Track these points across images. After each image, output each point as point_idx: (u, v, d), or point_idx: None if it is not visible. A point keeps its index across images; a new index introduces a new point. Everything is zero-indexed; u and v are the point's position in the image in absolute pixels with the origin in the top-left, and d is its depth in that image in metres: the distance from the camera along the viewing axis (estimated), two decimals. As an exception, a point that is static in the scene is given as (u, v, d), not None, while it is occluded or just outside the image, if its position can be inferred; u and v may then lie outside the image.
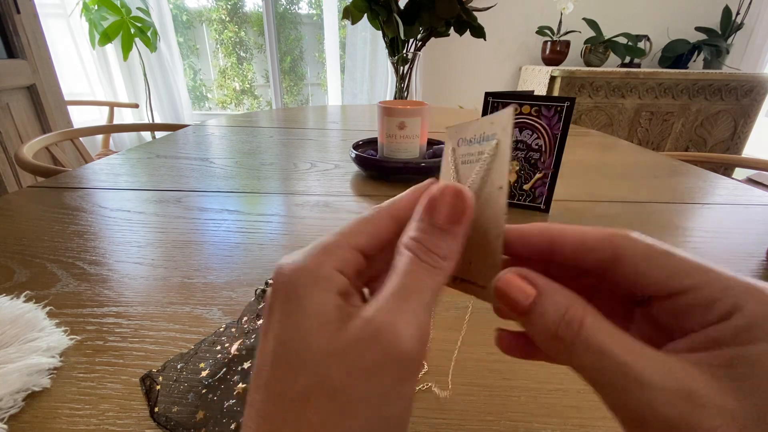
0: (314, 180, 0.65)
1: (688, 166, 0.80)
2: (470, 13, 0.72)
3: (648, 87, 2.01)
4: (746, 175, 1.91)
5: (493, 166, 0.16)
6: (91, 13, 2.10)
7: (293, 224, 0.49)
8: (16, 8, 1.38)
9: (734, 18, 2.12)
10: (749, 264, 0.41)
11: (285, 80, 2.76)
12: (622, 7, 2.25)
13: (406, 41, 0.73)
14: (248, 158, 0.77)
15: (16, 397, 0.23)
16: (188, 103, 2.65)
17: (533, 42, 2.35)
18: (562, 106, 0.48)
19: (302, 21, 2.62)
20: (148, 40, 2.19)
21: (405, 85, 0.74)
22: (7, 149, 1.36)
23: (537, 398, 0.25)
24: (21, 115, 1.43)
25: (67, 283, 0.35)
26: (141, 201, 0.54)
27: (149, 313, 0.32)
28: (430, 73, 2.43)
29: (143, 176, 0.65)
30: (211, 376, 0.25)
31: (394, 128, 0.62)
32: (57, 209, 0.51)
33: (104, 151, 1.82)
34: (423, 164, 0.62)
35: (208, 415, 0.23)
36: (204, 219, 0.49)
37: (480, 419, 0.23)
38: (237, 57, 2.74)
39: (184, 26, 2.64)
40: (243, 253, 0.41)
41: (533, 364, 0.27)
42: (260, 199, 0.57)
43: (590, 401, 0.25)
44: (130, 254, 0.41)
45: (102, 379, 0.25)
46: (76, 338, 0.28)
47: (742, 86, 1.99)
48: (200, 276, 0.37)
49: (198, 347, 0.28)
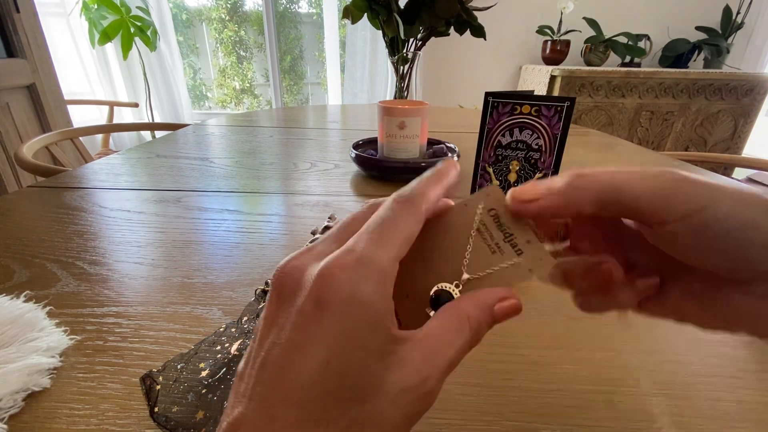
0: (314, 180, 0.65)
1: (689, 165, 0.80)
2: (470, 13, 0.72)
3: (648, 86, 2.01)
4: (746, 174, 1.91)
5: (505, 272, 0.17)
6: (90, 12, 2.10)
7: (293, 224, 0.49)
8: (15, 7, 1.38)
9: (734, 17, 2.11)
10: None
11: (285, 79, 2.76)
12: (623, 6, 2.25)
13: (406, 41, 0.73)
14: (248, 158, 0.77)
15: (16, 397, 0.23)
16: (188, 102, 2.65)
17: (533, 41, 2.34)
18: (562, 106, 0.48)
19: (302, 20, 2.62)
20: (147, 40, 2.19)
21: (405, 84, 0.74)
22: (6, 149, 1.36)
23: (537, 398, 0.25)
24: (21, 115, 1.43)
25: (67, 283, 0.35)
26: (141, 201, 0.54)
27: (149, 313, 0.32)
28: (430, 72, 2.43)
29: (143, 176, 0.65)
30: (211, 376, 0.25)
31: (394, 128, 0.62)
32: (57, 209, 0.51)
33: (104, 150, 1.82)
34: (423, 164, 0.62)
35: (208, 415, 0.23)
36: (204, 219, 0.49)
37: (480, 419, 0.23)
38: (237, 56, 2.73)
39: (184, 25, 2.64)
40: (243, 253, 0.41)
41: (533, 364, 0.27)
42: (260, 199, 0.57)
43: (590, 401, 0.25)
44: (130, 254, 0.41)
45: (102, 379, 0.25)
46: (76, 338, 0.28)
47: (742, 86, 1.98)
48: (200, 276, 0.37)
49: (198, 347, 0.28)
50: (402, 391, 0.13)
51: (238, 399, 0.13)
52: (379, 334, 0.13)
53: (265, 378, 0.13)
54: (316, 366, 0.13)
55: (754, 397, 0.25)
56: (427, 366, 0.14)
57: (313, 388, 0.13)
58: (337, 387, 0.13)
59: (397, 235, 0.15)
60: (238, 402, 0.13)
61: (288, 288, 0.14)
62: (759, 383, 0.26)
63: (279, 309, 0.14)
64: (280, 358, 0.13)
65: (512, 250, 0.17)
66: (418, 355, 0.14)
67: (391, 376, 0.13)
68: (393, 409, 0.13)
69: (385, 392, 0.13)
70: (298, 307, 0.14)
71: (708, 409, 0.24)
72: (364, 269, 0.14)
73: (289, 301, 0.14)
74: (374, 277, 0.14)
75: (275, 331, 0.14)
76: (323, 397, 0.13)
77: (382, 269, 0.14)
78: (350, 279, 0.13)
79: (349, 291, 0.13)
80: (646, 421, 0.23)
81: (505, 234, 0.17)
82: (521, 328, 0.31)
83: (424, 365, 0.14)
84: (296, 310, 0.14)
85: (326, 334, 0.13)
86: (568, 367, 0.27)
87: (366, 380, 0.13)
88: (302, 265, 0.15)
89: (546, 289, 0.37)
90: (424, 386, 0.14)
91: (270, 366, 0.13)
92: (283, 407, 0.12)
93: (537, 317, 0.32)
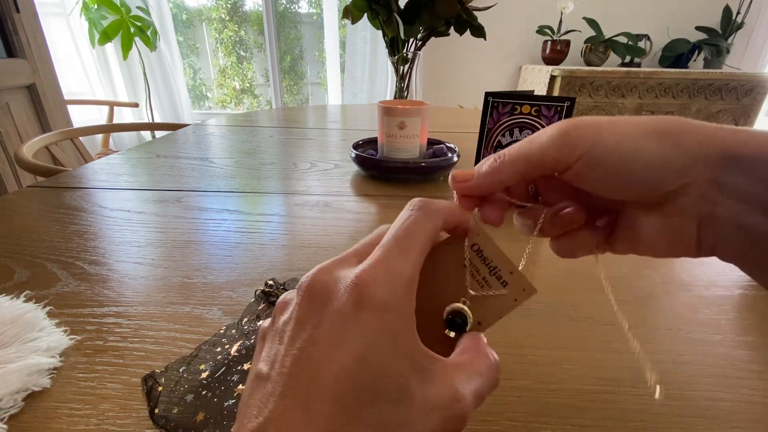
0: (314, 180, 0.65)
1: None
2: (470, 13, 0.72)
3: (648, 86, 2.01)
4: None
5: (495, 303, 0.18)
6: (90, 12, 2.10)
7: (293, 224, 0.49)
8: (15, 7, 1.38)
9: (734, 17, 2.11)
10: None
11: (285, 79, 2.76)
12: (623, 6, 2.25)
13: (406, 41, 0.73)
14: (248, 158, 0.77)
15: (16, 397, 0.23)
16: (188, 102, 2.65)
17: (533, 41, 2.34)
18: (562, 106, 0.48)
19: (302, 20, 2.62)
20: (147, 40, 2.19)
21: (405, 84, 0.74)
22: (6, 149, 1.36)
23: (537, 398, 0.25)
24: (21, 115, 1.43)
25: (67, 283, 0.35)
26: (141, 201, 0.54)
27: (149, 313, 0.32)
28: (430, 72, 2.43)
29: (143, 176, 0.65)
30: (210, 376, 0.25)
31: (394, 128, 0.62)
32: (57, 209, 0.51)
33: (104, 150, 1.82)
34: (423, 164, 0.62)
35: (207, 416, 0.23)
36: (204, 219, 0.49)
37: (480, 419, 0.23)
38: (237, 56, 2.73)
39: (184, 25, 2.64)
40: (243, 253, 0.41)
41: (533, 364, 0.27)
42: (260, 199, 0.57)
43: (590, 401, 0.25)
44: (130, 254, 0.41)
45: (102, 379, 0.25)
46: (76, 338, 0.28)
47: (742, 86, 1.98)
48: (200, 276, 0.37)
49: (199, 349, 0.28)
50: (436, 408, 0.13)
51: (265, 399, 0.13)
52: (412, 342, 0.14)
53: (300, 373, 0.13)
54: (352, 360, 0.13)
55: (754, 397, 0.25)
56: (461, 386, 0.14)
57: (349, 381, 0.13)
58: (372, 384, 0.13)
59: (416, 244, 0.16)
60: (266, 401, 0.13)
61: (321, 293, 0.15)
62: (759, 383, 0.26)
63: (312, 310, 0.14)
64: (317, 353, 0.13)
65: (498, 282, 0.18)
66: (451, 376, 0.14)
67: (425, 390, 0.14)
68: (425, 423, 0.13)
69: (419, 404, 0.13)
70: (334, 308, 0.14)
71: (708, 409, 0.24)
72: (395, 279, 0.14)
73: (324, 303, 0.14)
74: (403, 288, 0.14)
75: (309, 329, 0.14)
76: (358, 392, 0.13)
77: (408, 280, 0.15)
78: (383, 289, 0.14)
79: (383, 298, 0.14)
80: (646, 421, 0.23)
81: (490, 267, 0.18)
82: (521, 328, 0.31)
83: (459, 387, 0.14)
84: (333, 310, 0.14)
85: (364, 331, 0.13)
86: (568, 367, 0.27)
87: (400, 384, 0.13)
88: (332, 274, 0.15)
89: (546, 289, 0.37)
90: (458, 407, 0.14)
91: (305, 361, 0.13)
92: (319, 401, 0.12)
93: (537, 317, 0.32)
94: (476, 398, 0.15)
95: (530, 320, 0.32)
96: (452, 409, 0.14)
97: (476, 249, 0.19)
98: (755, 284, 0.37)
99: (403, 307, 0.14)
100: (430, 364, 0.14)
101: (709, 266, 0.40)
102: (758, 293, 0.36)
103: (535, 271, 0.39)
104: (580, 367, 0.27)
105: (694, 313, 0.33)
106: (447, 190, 0.60)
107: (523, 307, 0.17)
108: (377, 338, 0.13)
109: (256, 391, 0.14)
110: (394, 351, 0.13)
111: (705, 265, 0.40)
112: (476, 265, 0.18)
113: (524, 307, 0.34)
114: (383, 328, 0.13)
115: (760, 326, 0.32)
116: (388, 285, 0.14)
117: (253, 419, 0.13)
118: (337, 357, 0.13)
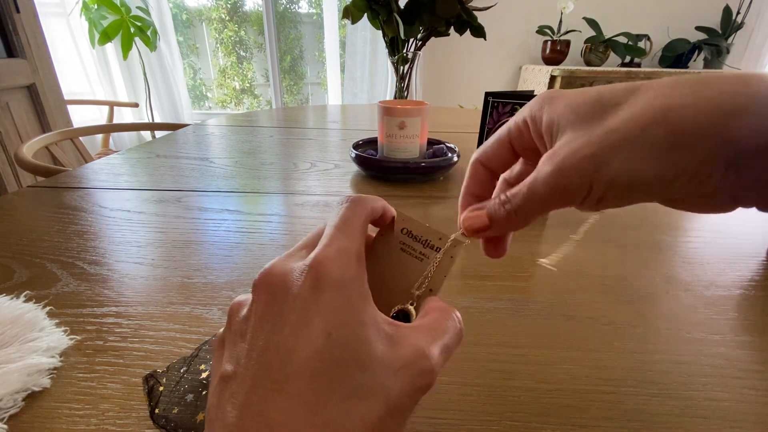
0: (314, 180, 0.65)
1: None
2: (470, 13, 0.72)
3: (648, 86, 2.00)
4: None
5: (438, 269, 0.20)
6: (90, 12, 2.10)
7: (293, 224, 0.49)
8: (15, 7, 1.38)
9: (734, 17, 2.12)
10: (749, 264, 0.41)
11: (285, 79, 2.76)
12: (623, 6, 2.25)
13: (406, 41, 0.73)
14: (248, 158, 0.77)
15: (16, 397, 0.23)
16: (188, 102, 2.65)
17: (533, 41, 2.35)
18: (563, 106, 0.48)
19: (302, 20, 2.62)
20: (147, 40, 2.19)
21: (405, 84, 0.74)
22: (6, 149, 1.36)
23: (537, 398, 0.25)
24: (21, 115, 1.43)
25: (67, 283, 0.35)
26: (141, 201, 0.54)
27: (149, 313, 0.32)
28: (430, 72, 2.43)
29: (143, 176, 0.65)
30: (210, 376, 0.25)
31: (394, 128, 0.62)
32: (57, 209, 0.51)
33: (104, 150, 1.82)
34: (423, 164, 0.62)
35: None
36: (204, 219, 0.49)
37: (480, 419, 0.23)
38: (237, 56, 2.74)
39: (184, 25, 2.64)
40: (243, 253, 0.41)
41: (533, 364, 0.27)
42: (260, 199, 0.57)
43: (590, 401, 0.25)
44: (130, 254, 0.41)
45: (102, 379, 0.25)
46: (76, 338, 0.28)
47: (742, 86, 1.98)
48: (200, 276, 0.37)
49: (199, 349, 0.28)
50: (402, 367, 0.14)
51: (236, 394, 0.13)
52: (372, 312, 0.15)
53: (270, 362, 0.13)
54: (320, 338, 0.14)
55: (754, 397, 0.25)
56: (425, 344, 0.15)
57: (320, 357, 0.13)
58: (341, 355, 0.13)
59: (355, 226, 0.17)
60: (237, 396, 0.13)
61: (278, 284, 0.15)
62: (759, 383, 0.26)
63: (272, 302, 0.15)
64: (285, 340, 0.14)
65: (432, 251, 0.20)
66: (415, 336, 0.16)
67: (391, 352, 0.14)
68: (394, 381, 0.14)
69: (386, 366, 0.14)
70: (293, 294, 0.15)
71: (708, 409, 0.24)
72: (345, 257, 0.15)
73: (283, 293, 0.15)
74: (354, 262, 0.16)
75: (271, 321, 0.14)
76: (330, 367, 0.13)
77: (357, 255, 0.16)
78: (336, 265, 0.15)
79: (338, 274, 0.15)
80: (646, 421, 0.23)
81: (423, 242, 0.20)
82: (521, 328, 0.31)
83: (422, 345, 0.15)
84: (292, 297, 0.14)
85: (325, 310, 0.14)
86: (568, 367, 0.27)
87: (365, 350, 0.14)
88: (285, 266, 0.16)
89: (546, 289, 0.37)
90: (424, 363, 0.15)
91: (272, 351, 0.14)
92: (293, 382, 0.13)
93: (537, 317, 0.32)
94: (442, 353, 0.16)
95: (530, 320, 0.32)
96: (419, 365, 0.15)
97: (405, 232, 0.20)
98: (755, 284, 0.37)
99: (358, 280, 0.15)
100: (393, 330, 0.15)
101: (709, 266, 0.40)
102: (758, 293, 0.36)
103: (536, 271, 0.39)
104: (580, 367, 0.27)
105: (694, 313, 0.33)
106: (447, 190, 0.60)
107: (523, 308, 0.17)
108: (339, 312, 0.14)
109: (225, 391, 0.14)
110: (357, 321, 0.14)
111: (705, 265, 0.40)
112: (411, 245, 0.20)
113: (524, 308, 0.34)
114: (343, 303, 0.14)
115: (760, 326, 0.32)
116: (340, 262, 0.15)
117: (227, 418, 0.13)
118: (305, 339, 0.14)
